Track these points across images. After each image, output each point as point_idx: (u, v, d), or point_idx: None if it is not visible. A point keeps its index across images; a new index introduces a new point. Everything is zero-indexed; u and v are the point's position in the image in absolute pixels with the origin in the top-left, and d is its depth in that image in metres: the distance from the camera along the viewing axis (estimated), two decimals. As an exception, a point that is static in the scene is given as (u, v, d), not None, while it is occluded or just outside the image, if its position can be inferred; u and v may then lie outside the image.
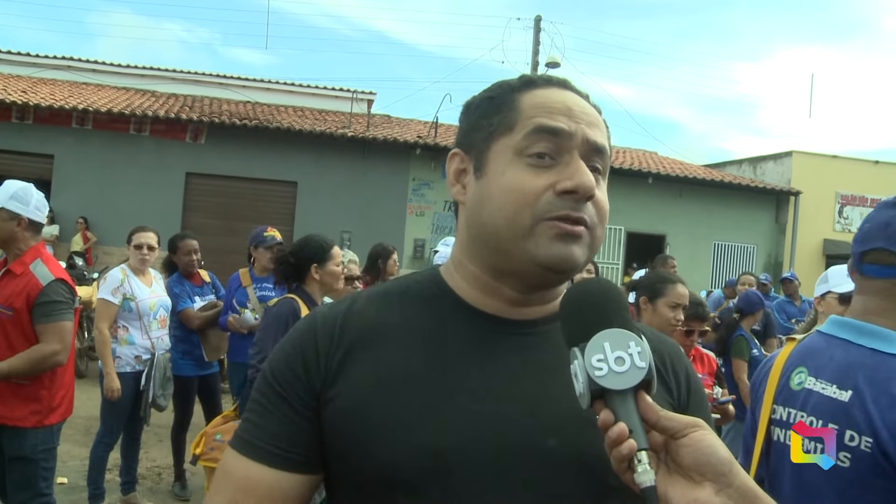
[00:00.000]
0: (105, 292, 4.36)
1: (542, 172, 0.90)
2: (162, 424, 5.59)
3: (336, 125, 15.03)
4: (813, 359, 1.58)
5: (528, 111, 0.93)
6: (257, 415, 0.93)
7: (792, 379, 1.60)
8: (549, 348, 0.93)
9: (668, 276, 3.34)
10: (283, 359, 0.95)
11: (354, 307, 0.97)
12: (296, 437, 0.91)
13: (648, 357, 0.76)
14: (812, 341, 1.64)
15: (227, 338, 5.02)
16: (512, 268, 0.93)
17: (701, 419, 0.78)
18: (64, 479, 4.83)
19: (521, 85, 0.97)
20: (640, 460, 0.72)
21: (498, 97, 0.97)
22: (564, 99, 0.94)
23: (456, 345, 0.92)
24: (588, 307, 0.81)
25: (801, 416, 1.53)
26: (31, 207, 3.20)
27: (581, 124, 0.92)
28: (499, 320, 0.95)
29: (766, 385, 1.68)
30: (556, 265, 0.90)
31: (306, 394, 0.91)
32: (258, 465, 0.90)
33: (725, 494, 0.73)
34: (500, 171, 0.92)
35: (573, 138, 0.91)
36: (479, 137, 0.96)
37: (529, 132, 0.91)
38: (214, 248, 11.31)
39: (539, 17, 19.90)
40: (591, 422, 0.86)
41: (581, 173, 0.89)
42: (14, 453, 3.13)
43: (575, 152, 0.91)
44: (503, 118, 0.94)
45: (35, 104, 12.92)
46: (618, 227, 15.84)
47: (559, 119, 0.91)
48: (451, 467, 0.85)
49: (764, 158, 18.75)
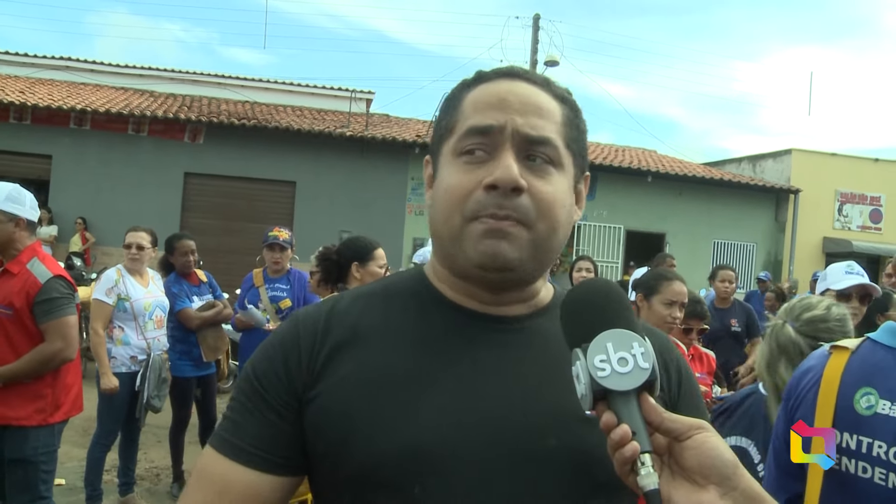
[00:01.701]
0: (99, 292, 4.36)
1: (474, 170, 0.89)
2: (160, 425, 5.58)
3: (335, 125, 15.02)
4: (883, 378, 1.41)
5: (465, 111, 0.93)
6: (238, 414, 0.92)
7: (858, 402, 1.42)
8: (532, 345, 0.94)
9: (666, 274, 3.32)
10: (265, 358, 0.93)
11: (338, 307, 0.97)
12: (276, 438, 0.89)
13: (652, 358, 0.75)
14: (874, 355, 1.46)
15: (240, 338, 5.03)
16: (457, 269, 0.94)
17: (703, 420, 0.76)
18: (62, 480, 4.82)
19: (472, 81, 0.97)
20: (644, 463, 0.70)
21: (452, 97, 0.97)
22: (502, 91, 0.92)
23: (438, 342, 0.92)
24: (590, 307, 0.79)
25: (879, 448, 1.37)
26: (28, 208, 3.22)
27: (514, 115, 0.89)
28: (480, 316, 0.95)
29: (818, 404, 1.50)
30: (485, 263, 0.89)
31: (287, 394, 0.90)
32: (237, 466, 0.89)
33: (730, 498, 0.72)
34: (443, 175, 0.94)
35: (503, 132, 0.89)
36: (435, 141, 0.98)
37: (463, 133, 0.91)
38: (213, 248, 11.31)
39: (538, 16, 19.89)
40: (577, 418, 0.86)
41: (503, 167, 0.87)
42: (14, 455, 3.12)
43: (506, 145, 0.89)
44: (449, 120, 0.95)
45: (33, 104, 12.91)
46: (617, 226, 15.84)
47: (489, 115, 0.90)
48: (432, 465, 0.84)
49: (763, 157, 18.76)
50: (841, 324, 2.04)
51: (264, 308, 4.84)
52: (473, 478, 0.84)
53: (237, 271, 8.22)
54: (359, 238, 3.82)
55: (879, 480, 1.36)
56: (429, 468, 0.84)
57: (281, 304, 4.79)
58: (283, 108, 16.75)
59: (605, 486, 0.88)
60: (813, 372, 1.56)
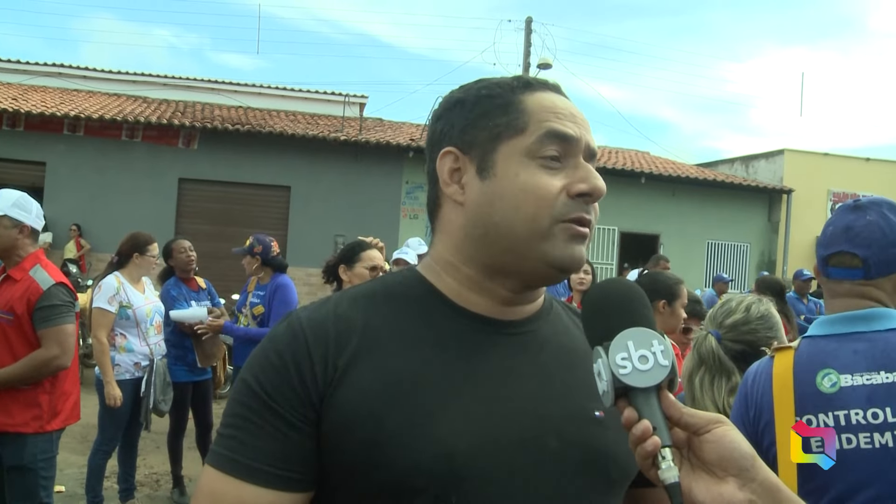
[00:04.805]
0: (101, 301, 4.34)
1: (556, 174, 0.92)
2: (159, 431, 5.56)
3: (328, 129, 15.03)
4: (835, 359, 1.53)
5: (537, 114, 0.94)
6: (245, 432, 0.86)
7: (821, 383, 1.53)
8: (541, 347, 0.96)
9: (676, 277, 3.37)
10: (272, 369, 0.88)
11: (340, 310, 0.93)
12: (292, 453, 0.86)
13: (671, 355, 0.77)
14: (816, 346, 1.59)
15: (233, 341, 5.03)
16: (521, 267, 0.93)
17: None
18: (62, 487, 4.80)
19: (521, 86, 0.97)
20: (664, 457, 0.73)
21: (499, 97, 0.96)
22: (566, 103, 0.97)
23: (453, 347, 0.92)
24: (611, 307, 0.82)
25: (856, 415, 1.46)
26: (33, 216, 3.23)
27: (583, 130, 0.95)
28: (489, 321, 0.95)
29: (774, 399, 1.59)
30: (569, 265, 0.92)
31: (304, 406, 0.86)
32: (252, 487, 0.84)
33: (749, 489, 0.74)
34: (513, 172, 0.92)
35: (579, 143, 0.94)
36: (481, 137, 0.95)
37: (543, 135, 0.92)
38: (208, 254, 11.27)
39: (530, 19, 19.94)
40: (591, 420, 0.91)
41: (594, 177, 0.92)
42: (13, 462, 3.11)
43: (580, 156, 0.94)
44: (511, 120, 0.94)
45: (26, 111, 12.88)
46: (611, 228, 15.89)
47: (567, 125, 0.93)
48: (463, 471, 0.84)
49: (756, 157, 18.85)
50: (763, 321, 2.07)
51: (246, 313, 4.89)
52: (504, 482, 0.85)
53: (232, 277, 8.23)
54: (357, 240, 3.86)
55: (866, 445, 1.45)
56: (461, 474, 0.84)
57: (254, 311, 4.81)
58: (276, 112, 16.75)
59: (619, 483, 0.94)
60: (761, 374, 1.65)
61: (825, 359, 1.55)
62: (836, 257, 1.60)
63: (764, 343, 1.99)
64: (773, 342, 1.98)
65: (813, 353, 1.58)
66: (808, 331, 1.65)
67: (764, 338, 2.03)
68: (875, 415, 1.44)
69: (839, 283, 1.60)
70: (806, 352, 1.59)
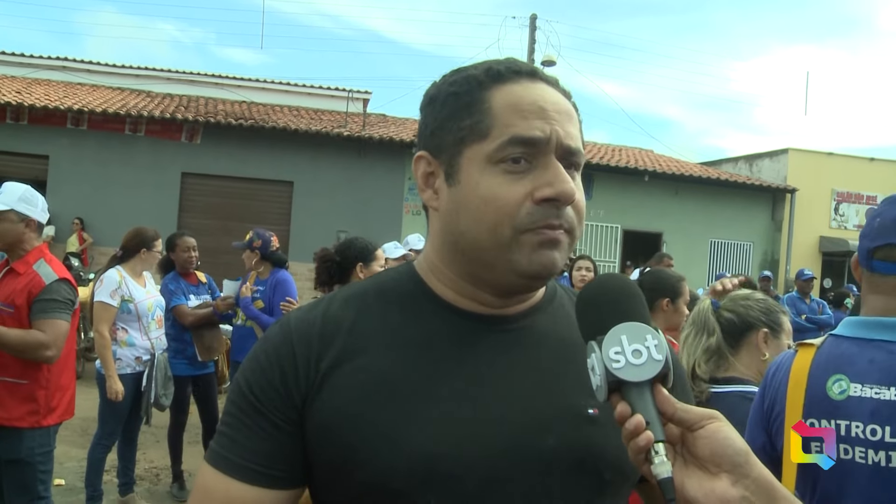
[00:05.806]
0: (103, 295, 4.33)
1: (519, 179, 0.86)
2: (159, 425, 5.57)
3: (332, 124, 15.03)
4: (850, 365, 1.48)
5: (501, 116, 0.88)
6: (234, 430, 0.89)
7: (830, 388, 1.49)
8: (532, 344, 0.94)
9: (678, 275, 3.36)
10: (259, 370, 0.90)
11: (331, 311, 0.93)
12: (276, 452, 0.87)
13: (665, 350, 0.76)
14: (838, 347, 1.54)
15: (231, 334, 5.04)
16: (492, 277, 0.91)
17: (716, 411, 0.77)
18: (61, 480, 4.81)
19: (488, 79, 0.91)
20: (657, 452, 0.72)
21: (465, 94, 0.91)
22: (536, 96, 0.89)
23: (440, 347, 0.90)
24: (605, 301, 0.81)
25: (856, 428, 1.43)
26: (39, 209, 3.23)
27: (555, 125, 0.88)
28: (479, 317, 0.93)
29: (787, 396, 1.57)
30: (539, 273, 0.89)
31: (287, 407, 0.87)
32: (239, 484, 0.87)
33: (742, 485, 0.73)
34: (474, 180, 0.88)
35: (549, 143, 0.87)
36: (448, 141, 0.91)
37: (505, 143, 0.86)
38: (210, 249, 11.28)
39: (534, 16, 19.89)
40: (584, 418, 0.89)
41: (561, 180, 0.86)
42: (10, 456, 3.10)
43: (551, 156, 0.87)
44: (475, 123, 0.89)
45: (30, 105, 12.90)
46: (614, 226, 15.87)
47: (533, 124, 0.87)
48: (444, 472, 0.83)
49: (760, 156, 18.81)
50: (762, 304, 2.11)
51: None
52: (486, 484, 0.84)
53: (234, 271, 8.19)
54: (357, 239, 3.83)
55: (860, 459, 1.42)
56: (442, 476, 0.83)
57: (255, 305, 4.81)
58: (279, 108, 16.75)
59: (611, 483, 0.91)
60: (782, 368, 1.64)
61: (840, 363, 1.50)
62: (883, 250, 1.49)
63: (755, 323, 2.05)
64: (764, 329, 2.04)
65: (832, 355, 1.53)
66: (837, 328, 1.58)
67: (756, 318, 2.06)
68: (874, 431, 1.41)
69: (884, 279, 1.49)
70: (826, 352, 1.55)
